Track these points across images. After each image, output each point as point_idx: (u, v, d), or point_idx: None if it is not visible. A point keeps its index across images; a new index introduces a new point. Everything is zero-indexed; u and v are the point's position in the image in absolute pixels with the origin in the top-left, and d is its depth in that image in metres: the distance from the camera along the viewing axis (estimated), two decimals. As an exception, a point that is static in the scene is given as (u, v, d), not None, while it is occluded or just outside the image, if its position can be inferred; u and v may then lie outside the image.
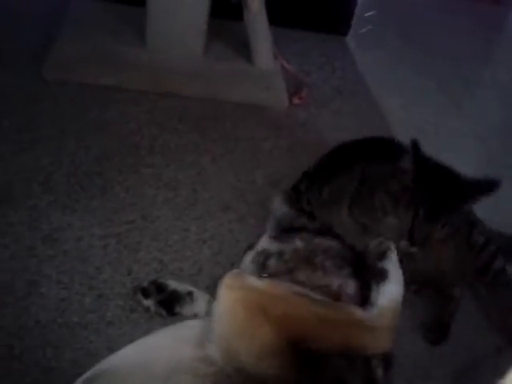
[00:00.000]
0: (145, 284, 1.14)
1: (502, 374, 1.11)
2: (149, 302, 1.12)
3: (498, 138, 2.05)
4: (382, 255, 0.88)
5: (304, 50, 2.27)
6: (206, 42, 1.96)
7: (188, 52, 1.94)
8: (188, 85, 1.85)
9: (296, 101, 1.91)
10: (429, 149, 1.85)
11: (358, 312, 0.81)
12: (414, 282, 1.30)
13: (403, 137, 1.87)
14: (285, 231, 1.04)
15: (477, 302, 1.33)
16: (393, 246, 0.89)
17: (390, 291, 0.84)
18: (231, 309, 0.70)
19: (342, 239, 0.98)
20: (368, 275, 0.87)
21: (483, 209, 1.42)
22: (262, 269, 0.89)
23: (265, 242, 0.97)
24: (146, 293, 1.13)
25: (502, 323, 1.28)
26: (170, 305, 1.12)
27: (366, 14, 2.72)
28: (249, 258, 0.95)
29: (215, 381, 0.67)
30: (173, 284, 1.14)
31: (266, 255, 0.92)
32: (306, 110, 1.90)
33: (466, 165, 1.83)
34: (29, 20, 2.01)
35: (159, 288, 1.13)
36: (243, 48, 1.99)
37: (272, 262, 0.89)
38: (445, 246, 1.28)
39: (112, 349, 0.95)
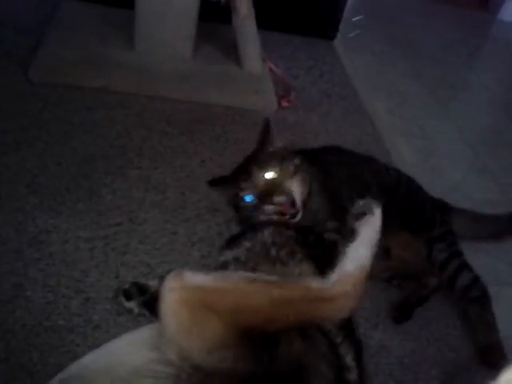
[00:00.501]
0: (126, 286, 1.13)
1: (489, 376, 1.12)
2: (131, 304, 1.11)
3: (484, 141, 2.07)
4: (359, 216, 0.84)
5: (292, 53, 2.28)
6: (194, 46, 1.96)
7: (177, 55, 1.93)
8: (176, 88, 1.84)
9: (284, 104, 1.91)
10: (416, 152, 1.88)
11: (314, 284, 0.78)
12: (394, 277, 1.31)
13: (391, 140, 1.90)
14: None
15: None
16: (376, 209, 0.85)
17: (355, 254, 0.81)
18: (174, 311, 0.69)
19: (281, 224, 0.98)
20: (320, 250, 0.87)
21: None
22: None
23: (222, 256, 0.97)
24: (128, 295, 1.12)
25: (475, 342, 1.24)
26: (153, 305, 1.10)
27: (353, 19, 2.74)
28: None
29: (176, 381, 0.66)
30: (155, 285, 1.14)
31: (224, 266, 0.92)
32: (295, 113, 1.90)
33: (453, 168, 1.86)
34: (16, 22, 1.99)
35: (141, 289, 1.13)
36: (232, 51, 2.00)
37: (232, 269, 0.89)
38: (406, 252, 1.30)
39: (99, 352, 0.94)
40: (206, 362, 0.66)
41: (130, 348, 0.74)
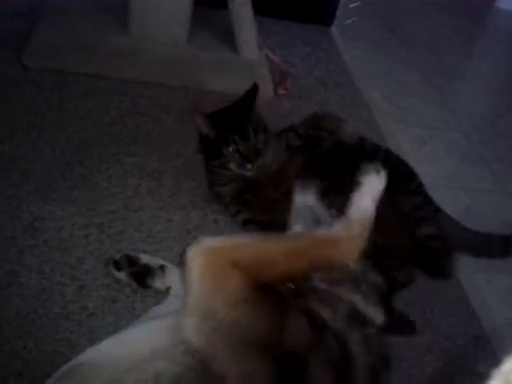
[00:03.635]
0: (117, 257, 1.15)
1: (481, 362, 1.13)
2: (121, 275, 1.14)
3: (480, 130, 2.07)
4: (365, 171, 0.90)
5: (289, 40, 2.26)
6: (190, 31, 1.94)
7: (172, 40, 1.91)
8: (171, 74, 1.83)
9: (281, 91, 1.90)
10: (412, 140, 1.88)
11: (321, 232, 0.85)
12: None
13: (387, 128, 1.90)
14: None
15: (457, 292, 1.35)
16: (382, 171, 0.90)
17: (358, 203, 0.86)
18: (200, 274, 0.73)
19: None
20: None
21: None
22: None
23: None
24: (117, 266, 1.14)
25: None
26: (141, 277, 1.13)
27: (350, 5, 2.72)
28: None
29: (189, 372, 0.67)
30: (145, 258, 1.16)
31: None
32: (291, 100, 1.89)
33: (449, 156, 1.86)
34: (9, 7, 1.96)
35: (131, 262, 1.15)
36: (228, 37, 1.98)
37: None
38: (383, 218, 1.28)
39: (94, 340, 0.94)
40: (228, 316, 0.69)
41: (148, 335, 0.75)
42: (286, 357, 0.70)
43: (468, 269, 1.38)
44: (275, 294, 0.75)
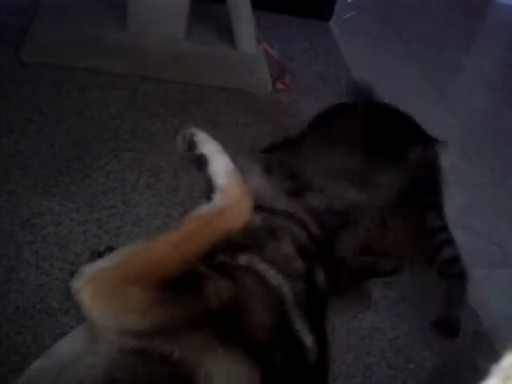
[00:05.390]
0: (101, 249, 1.14)
1: (480, 357, 1.13)
2: None
3: (479, 125, 2.07)
4: (191, 145, 0.86)
5: (287, 35, 2.26)
6: (188, 26, 1.93)
7: (170, 35, 1.90)
8: (170, 68, 1.82)
9: (279, 86, 1.89)
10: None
11: (203, 209, 0.82)
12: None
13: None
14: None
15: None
16: (194, 129, 0.87)
17: (217, 168, 0.84)
18: (92, 305, 0.70)
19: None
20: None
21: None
22: None
23: None
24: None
25: (443, 315, 1.24)
26: None
27: (349, 0, 2.71)
28: None
29: (119, 354, 0.66)
30: None
31: None
32: (289, 95, 1.89)
33: (448, 151, 1.85)
34: (6, 2, 1.95)
35: None
36: (226, 32, 1.97)
37: None
38: (397, 222, 1.28)
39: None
40: (143, 325, 0.67)
41: (69, 345, 0.74)
42: (218, 314, 0.69)
43: (466, 264, 1.38)
44: (184, 279, 0.72)
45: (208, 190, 0.85)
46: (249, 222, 0.82)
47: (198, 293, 0.70)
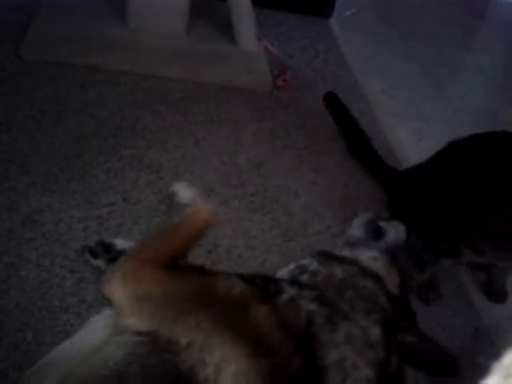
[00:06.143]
0: (91, 244, 1.14)
1: (480, 354, 1.13)
2: (98, 262, 1.13)
3: (479, 122, 2.07)
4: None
5: (287, 32, 2.25)
6: (188, 22, 1.93)
7: (170, 32, 1.90)
8: (170, 66, 1.82)
9: (280, 83, 1.89)
10: (411, 133, 1.88)
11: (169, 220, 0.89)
12: None
13: (386, 120, 1.89)
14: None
15: (456, 284, 1.35)
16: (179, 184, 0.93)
17: (183, 195, 0.91)
18: (124, 284, 0.74)
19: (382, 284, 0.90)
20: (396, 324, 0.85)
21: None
22: (293, 280, 0.88)
23: (307, 260, 0.94)
24: (93, 253, 1.13)
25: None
26: None
27: (349, -3, 2.71)
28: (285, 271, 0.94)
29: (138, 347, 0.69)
30: (120, 243, 1.15)
31: (301, 270, 0.91)
32: (289, 92, 1.88)
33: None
34: (5, -2, 1.95)
35: (106, 248, 1.14)
36: (226, 29, 1.97)
37: (304, 278, 0.88)
38: None
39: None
40: (159, 290, 0.72)
41: (92, 334, 0.75)
42: (225, 301, 0.73)
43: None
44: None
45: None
46: None
47: (209, 277, 0.78)
